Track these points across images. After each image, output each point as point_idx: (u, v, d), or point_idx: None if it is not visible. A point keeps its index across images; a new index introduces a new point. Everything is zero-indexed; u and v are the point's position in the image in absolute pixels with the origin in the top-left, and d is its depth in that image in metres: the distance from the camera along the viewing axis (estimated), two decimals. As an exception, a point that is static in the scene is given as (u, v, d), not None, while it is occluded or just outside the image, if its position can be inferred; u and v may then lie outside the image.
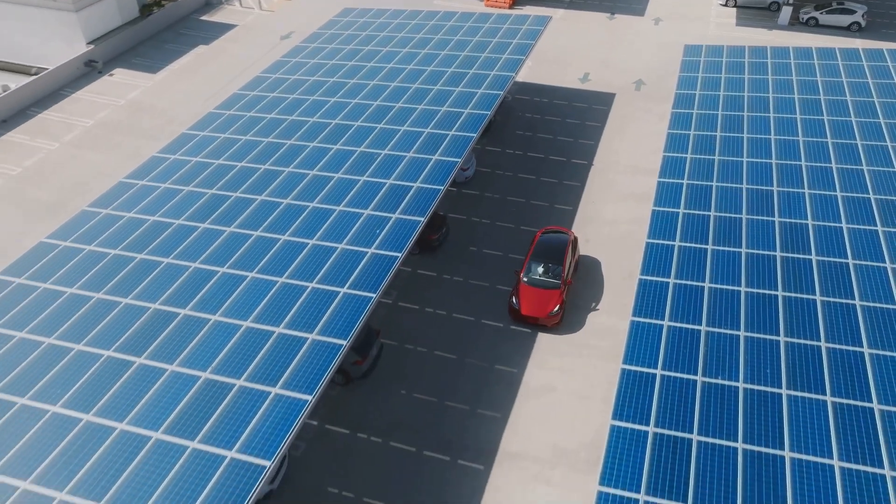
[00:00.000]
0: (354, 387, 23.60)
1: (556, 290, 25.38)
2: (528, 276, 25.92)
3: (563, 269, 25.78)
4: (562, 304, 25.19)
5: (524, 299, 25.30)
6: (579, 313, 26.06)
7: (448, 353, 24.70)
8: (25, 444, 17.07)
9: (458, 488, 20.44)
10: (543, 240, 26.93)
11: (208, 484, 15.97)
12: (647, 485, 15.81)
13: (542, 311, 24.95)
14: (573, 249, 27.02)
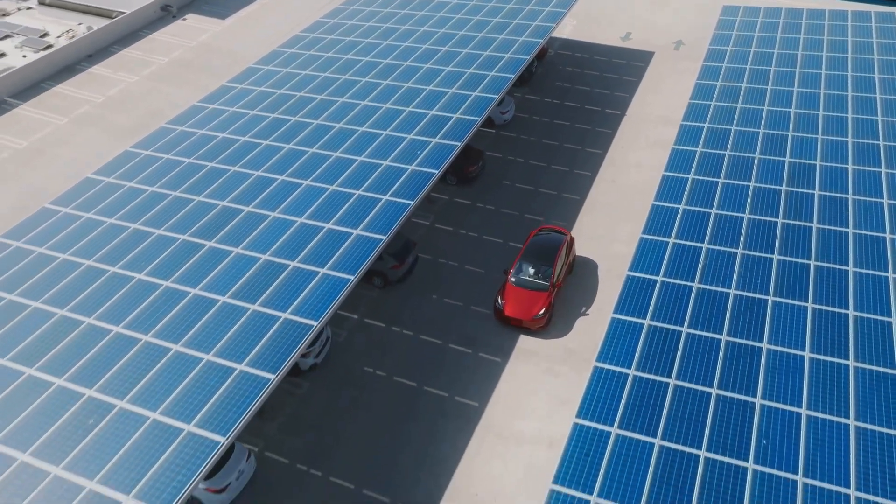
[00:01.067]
0: (392, 289, 26.59)
1: (543, 292, 24.41)
2: (517, 276, 25.04)
3: (553, 271, 24.75)
4: (548, 308, 24.25)
5: (509, 300, 24.42)
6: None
7: (477, 268, 27.44)
8: (117, 302, 20.55)
9: (475, 374, 23.28)
10: (537, 240, 25.94)
11: (265, 336, 19.15)
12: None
13: (527, 314, 24.06)
14: (567, 251, 25.84)
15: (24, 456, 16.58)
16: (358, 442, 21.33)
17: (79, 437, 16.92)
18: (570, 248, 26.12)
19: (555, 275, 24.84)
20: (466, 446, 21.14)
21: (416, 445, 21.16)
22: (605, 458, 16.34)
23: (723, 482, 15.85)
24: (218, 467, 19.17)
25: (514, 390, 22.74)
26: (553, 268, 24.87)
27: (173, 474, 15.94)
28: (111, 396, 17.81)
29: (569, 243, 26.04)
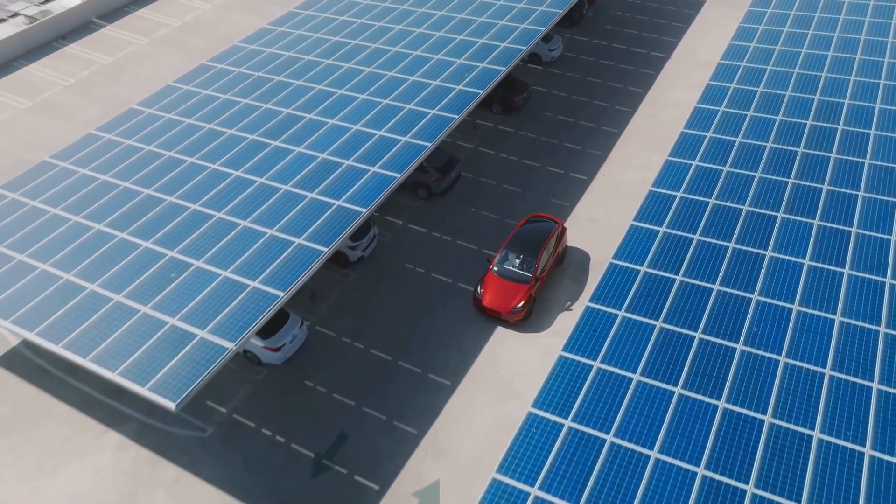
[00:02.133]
0: (435, 200, 29.07)
1: (524, 284, 23.61)
2: (499, 265, 24.24)
3: (537, 262, 23.90)
4: (528, 301, 23.51)
5: (488, 290, 23.71)
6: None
7: (514, 187, 29.67)
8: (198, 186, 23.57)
9: (506, 276, 25.71)
10: (525, 228, 25.02)
11: (321, 218, 21.89)
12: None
13: (505, 306, 23.34)
14: (557, 242, 24.92)
15: (118, 297, 19.80)
16: (396, 324, 24.07)
17: (163, 286, 20.03)
18: (559, 239, 25.03)
19: (538, 267, 23.86)
20: (492, 335, 23.66)
21: (448, 331, 23.78)
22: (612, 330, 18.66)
23: (713, 359, 18.01)
24: (275, 330, 22.17)
25: (540, 293, 25.08)
26: (538, 259, 23.89)
27: (239, 318, 18.91)
28: (189, 257, 20.86)
29: (559, 234, 24.97)
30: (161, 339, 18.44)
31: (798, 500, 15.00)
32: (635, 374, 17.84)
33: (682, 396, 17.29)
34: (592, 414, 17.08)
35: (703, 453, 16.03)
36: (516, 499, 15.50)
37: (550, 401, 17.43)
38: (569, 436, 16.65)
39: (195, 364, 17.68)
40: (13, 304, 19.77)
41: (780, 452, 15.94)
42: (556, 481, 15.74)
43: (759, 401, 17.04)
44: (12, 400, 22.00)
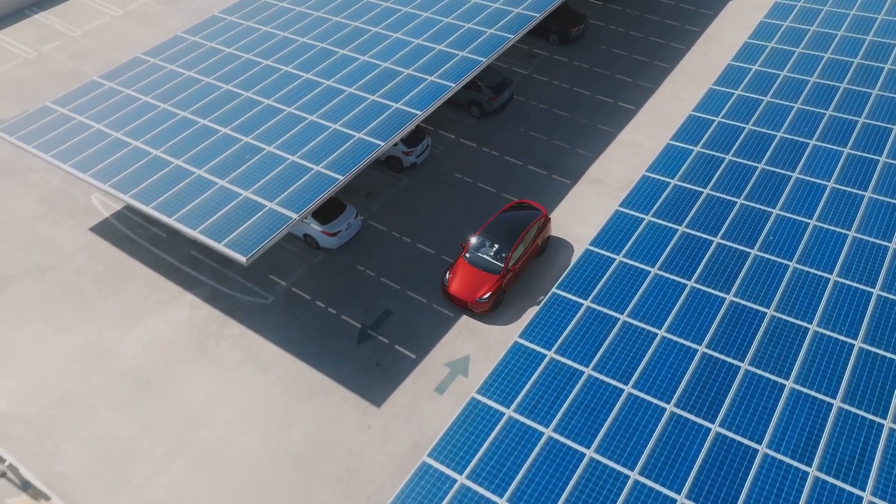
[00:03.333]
0: (486, 119, 30.89)
1: (493, 275, 22.78)
2: (472, 252, 23.43)
3: (510, 254, 22.91)
4: (496, 293, 22.64)
5: (456, 277, 23.05)
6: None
7: (562, 112, 31.20)
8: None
9: (547, 189, 27.48)
10: (505, 216, 24.02)
11: (379, 117, 24.05)
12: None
13: (471, 296, 22.61)
14: (538, 232, 23.87)
15: (199, 171, 22.49)
16: (441, 224, 26.25)
17: (239, 165, 22.61)
18: (541, 230, 23.98)
19: (511, 259, 22.95)
20: (529, 238, 25.66)
21: (489, 233, 25.88)
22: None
23: (727, 261, 19.63)
24: (333, 217, 24.63)
25: (578, 203, 26.84)
26: (511, 251, 22.99)
27: (303, 194, 21.36)
28: (262, 143, 23.38)
29: (540, 225, 23.96)
30: (235, 207, 21.08)
31: (787, 378, 16.73)
32: (653, 268, 19.63)
33: (694, 289, 19.03)
34: (609, 297, 19.00)
35: (706, 335, 17.83)
36: (534, 360, 17.67)
37: (574, 284, 19.41)
38: (586, 314, 18.64)
39: (263, 228, 20.26)
40: (111, 171, 22.68)
41: (776, 339, 17.62)
42: (571, 349, 17.82)
43: (764, 297, 18.65)
44: (105, 261, 25.20)
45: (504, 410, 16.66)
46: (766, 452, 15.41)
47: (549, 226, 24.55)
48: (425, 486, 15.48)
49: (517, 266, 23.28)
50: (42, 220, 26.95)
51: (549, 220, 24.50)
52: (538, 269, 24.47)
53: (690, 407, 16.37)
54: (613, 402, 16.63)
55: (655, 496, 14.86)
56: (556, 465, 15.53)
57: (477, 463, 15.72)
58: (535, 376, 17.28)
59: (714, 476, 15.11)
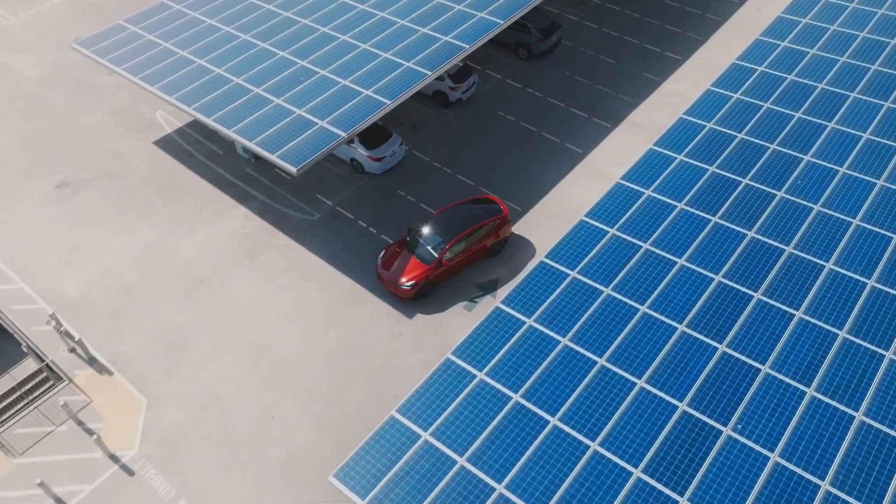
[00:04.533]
0: (533, 61, 31.62)
1: (424, 264, 22.06)
2: (412, 235, 22.85)
3: (446, 248, 22.04)
4: (419, 282, 21.97)
5: (388, 256, 22.78)
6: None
7: (609, 58, 31.70)
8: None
9: (587, 132, 28.25)
10: (460, 207, 23.16)
11: (429, 48, 25.10)
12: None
13: (394, 279, 22.24)
14: (490, 233, 22.84)
15: (257, 89, 23.99)
16: (482, 157, 27.34)
17: (294, 85, 24.03)
18: (493, 232, 22.90)
19: (446, 253, 22.17)
20: (566, 176, 26.57)
21: (527, 168, 26.85)
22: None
23: (753, 201, 20.33)
24: (379, 143, 25.94)
25: (616, 146, 27.60)
26: (449, 245, 22.16)
27: (352, 115, 22.69)
28: (317, 67, 24.73)
29: (493, 226, 22.85)
30: (289, 123, 22.55)
31: (797, 308, 17.58)
32: (680, 203, 20.47)
33: (718, 224, 19.84)
34: (635, 227, 19.97)
35: (723, 266, 18.73)
36: (557, 277, 18.85)
37: (601, 213, 20.41)
38: (612, 240, 19.67)
39: (314, 143, 21.71)
40: (177, 86, 24.34)
41: (792, 273, 18.41)
42: (594, 271, 18.93)
43: (785, 235, 19.37)
44: (166, 172, 27.08)
45: (525, 319, 17.95)
46: (768, 372, 16.41)
47: (506, 228, 23.06)
48: (448, 378, 16.96)
49: (453, 263, 22.39)
50: (111, 131, 28.93)
51: (506, 222, 23.01)
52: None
53: (701, 328, 17.40)
54: (628, 319, 17.75)
55: (659, 402, 16.05)
56: (569, 370, 16.81)
57: (496, 363, 17.10)
58: (557, 292, 18.48)
59: (716, 389, 16.20)
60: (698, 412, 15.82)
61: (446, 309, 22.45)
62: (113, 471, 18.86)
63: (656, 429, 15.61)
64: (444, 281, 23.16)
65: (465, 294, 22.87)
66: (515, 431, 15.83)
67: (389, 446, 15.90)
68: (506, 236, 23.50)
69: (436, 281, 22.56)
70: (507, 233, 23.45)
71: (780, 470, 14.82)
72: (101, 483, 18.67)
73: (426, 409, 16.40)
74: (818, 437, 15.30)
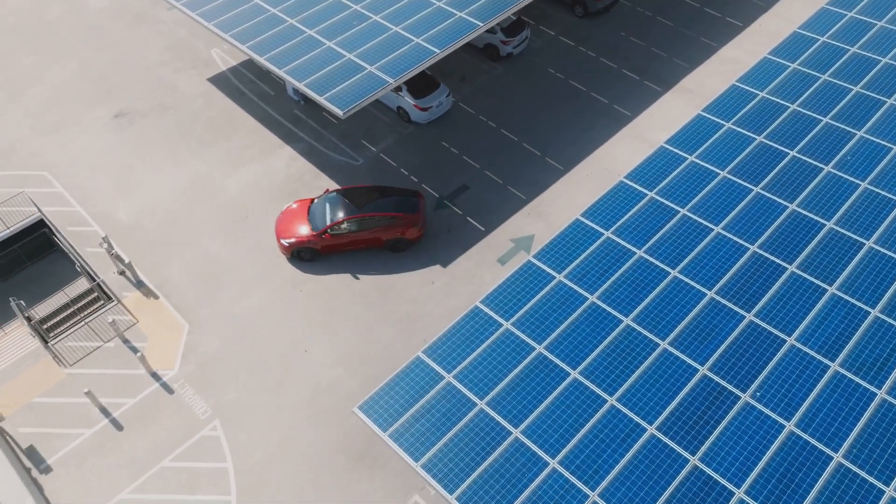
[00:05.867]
0: (589, 19, 31.15)
1: (312, 232, 22.15)
2: (320, 200, 22.98)
3: (331, 224, 22.00)
4: (297, 246, 22.26)
5: (286, 210, 23.09)
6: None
7: (667, 21, 30.99)
8: None
9: (638, 94, 27.88)
10: (373, 191, 22.80)
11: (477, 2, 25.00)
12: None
13: (279, 230, 22.58)
14: (385, 228, 22.27)
15: (310, 31, 24.30)
16: (527, 113, 27.30)
17: (346, 30, 24.26)
18: (390, 228, 22.31)
19: (330, 228, 22.13)
20: (610, 138, 26.39)
21: (572, 127, 26.74)
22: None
23: (798, 173, 20.02)
24: (426, 93, 26.08)
25: (665, 111, 27.22)
26: (336, 222, 22.09)
27: (401, 62, 22.87)
28: (370, 12, 24.86)
29: (392, 223, 22.28)
30: (338, 66, 22.87)
31: (831, 284, 17.45)
32: (723, 171, 20.27)
33: (759, 195, 19.63)
34: (674, 192, 19.89)
35: (760, 236, 18.61)
36: (591, 236, 19.01)
37: (641, 176, 20.36)
38: (649, 203, 19.67)
39: (361, 88, 22.03)
40: (232, 24, 24.79)
41: (830, 249, 18.20)
42: (628, 232, 19.00)
43: (827, 210, 19.09)
44: (218, 109, 27.77)
45: (555, 275, 18.22)
46: (794, 344, 16.44)
47: (412, 230, 22.45)
48: (475, 325, 17.43)
49: (340, 241, 22.32)
50: (167, 65, 29.69)
51: (414, 224, 22.42)
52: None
53: (731, 296, 17.44)
54: (658, 281, 17.88)
55: (680, 364, 16.28)
56: (594, 326, 17.11)
57: (523, 314, 17.48)
58: (590, 251, 18.66)
59: (738, 356, 16.33)
60: (718, 377, 16.01)
61: (480, 261, 22.83)
62: (154, 388, 20.01)
63: (675, 390, 15.88)
64: (331, 253, 22.88)
65: (499, 247, 23.20)
66: (536, 381, 16.27)
67: (413, 385, 16.53)
68: (412, 237, 22.66)
69: (321, 251, 22.48)
70: (413, 234, 22.61)
71: (794, 439, 14.99)
72: (143, 398, 19.85)
73: (451, 353, 16.93)
74: (837, 410, 15.38)
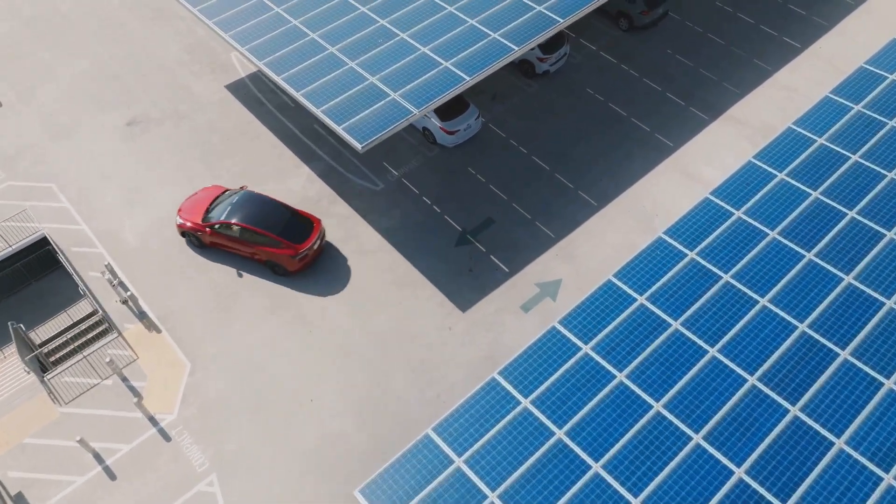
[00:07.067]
0: (633, 33, 29.00)
1: (205, 222, 22.25)
2: (228, 193, 22.93)
3: (221, 220, 21.91)
4: (185, 228, 22.52)
5: (201, 192, 23.25)
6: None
7: (718, 38, 28.73)
8: (414, -36, 25.26)
9: (681, 122, 25.88)
10: (273, 206, 22.15)
11: (520, 18, 23.08)
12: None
13: (182, 211, 22.81)
14: (265, 244, 21.66)
15: (332, 48, 22.68)
16: (562, 138, 25.49)
17: (371, 48, 22.58)
18: (267, 248, 21.65)
19: (209, 225, 22.11)
20: (650, 171, 24.54)
21: (607, 157, 24.91)
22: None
23: (856, 239, 18.13)
24: (455, 115, 24.41)
25: (710, 143, 25.22)
26: (217, 221, 21.99)
27: (427, 90, 21.20)
28: (397, 28, 23.13)
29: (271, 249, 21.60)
30: (360, 91, 21.27)
31: (888, 377, 15.71)
32: (773, 231, 18.45)
33: (812, 262, 17.79)
34: (717, 253, 18.15)
35: (811, 313, 16.84)
36: (623, 301, 17.42)
37: (683, 232, 18.63)
38: (689, 265, 17.97)
39: (383, 118, 20.44)
40: (251, 35, 23.26)
41: (889, 333, 16.40)
42: (664, 299, 17.37)
43: (889, 286, 17.24)
44: (234, 119, 26.40)
45: (582, 346, 16.72)
46: (843, 448, 14.81)
47: (288, 261, 21.64)
48: (491, 401, 16.05)
49: (222, 241, 22.23)
50: (184, 67, 28.31)
51: (287, 255, 21.55)
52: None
53: (774, 384, 15.80)
54: (694, 360, 16.29)
55: (714, 464, 14.77)
56: (621, 411, 15.63)
57: (544, 391, 16.05)
58: (621, 318, 17.09)
59: (780, 458, 14.76)
60: (756, 482, 14.48)
61: (502, 307, 21.37)
62: (151, 433, 19.04)
63: (706, 494, 14.40)
64: (215, 248, 22.84)
65: (524, 292, 21.69)
66: (554, 473, 14.90)
67: (421, 468, 15.26)
68: (289, 268, 21.84)
69: (206, 243, 22.66)
70: (291, 266, 21.77)
71: (838, 565, 13.49)
72: (139, 444, 18.90)
73: (463, 433, 15.60)
74: (889, 534, 13.81)
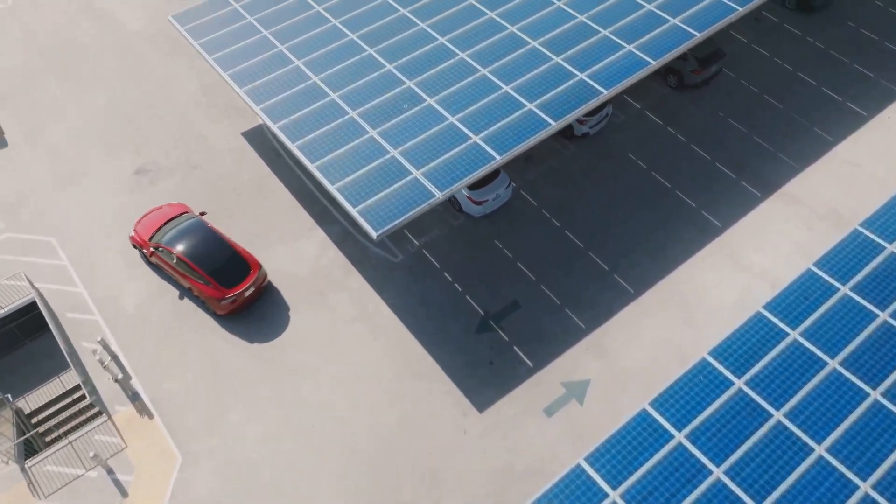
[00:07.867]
0: (683, 91, 26.72)
1: (149, 240, 22.15)
2: (185, 218, 22.41)
3: (161, 246, 21.70)
4: (135, 244, 22.66)
5: (163, 208, 23.04)
6: None
7: (775, 101, 26.32)
8: None
9: (730, 198, 23.62)
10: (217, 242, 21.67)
11: (559, 86, 21.03)
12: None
13: (138, 224, 22.67)
14: (198, 280, 21.12)
15: (353, 113, 20.89)
16: (598, 211, 23.44)
17: (394, 115, 20.74)
18: (201, 288, 21.10)
19: (155, 246, 21.85)
20: (694, 255, 22.39)
21: (648, 236, 22.81)
22: (824, 307, 16.90)
23: (933, 376, 15.86)
24: (483, 184, 22.50)
25: (763, 225, 22.96)
26: (163, 246, 21.55)
27: (452, 169, 19.31)
28: (424, 92, 21.21)
29: (202, 282, 21.07)
30: (379, 166, 19.45)
31: (965, 560, 13.60)
32: (833, 360, 16.28)
33: (878, 403, 15.65)
34: (767, 384, 16.04)
35: (875, 469, 14.73)
36: (660, 438, 15.45)
37: (730, 355, 16.55)
38: (735, 396, 15.90)
39: (403, 201, 18.59)
40: (268, 91, 21.58)
41: None
42: (705, 439, 15.35)
43: (967, 441, 15.04)
44: (249, 171, 24.82)
45: (609, 492, 14.80)
46: None
47: (217, 303, 20.97)
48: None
49: (160, 264, 22.11)
50: (200, 109, 26.78)
51: (216, 298, 20.87)
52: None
53: (829, 558, 13.77)
54: (737, 522, 14.30)
55: None
56: (651, 579, 13.72)
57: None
58: (654, 461, 15.09)
59: None
60: None
61: (524, 408, 19.50)
62: (134, 539, 17.65)
63: None
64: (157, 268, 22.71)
65: (548, 392, 19.79)
66: None
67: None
68: (215, 310, 21.34)
69: (150, 261, 22.64)
70: (217, 308, 21.23)
71: None
72: (120, 550, 17.52)
73: None
74: None
